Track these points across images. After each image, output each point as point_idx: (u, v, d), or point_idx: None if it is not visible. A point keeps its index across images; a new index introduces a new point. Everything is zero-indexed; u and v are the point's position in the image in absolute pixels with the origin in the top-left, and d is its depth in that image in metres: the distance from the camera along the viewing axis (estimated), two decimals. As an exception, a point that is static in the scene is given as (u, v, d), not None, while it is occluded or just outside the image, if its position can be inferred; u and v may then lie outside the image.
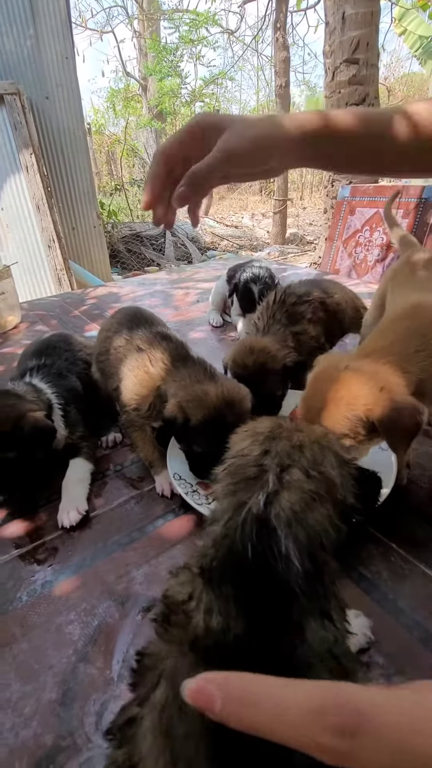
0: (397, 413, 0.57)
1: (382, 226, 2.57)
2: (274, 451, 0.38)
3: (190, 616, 0.33)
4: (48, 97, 4.22)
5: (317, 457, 0.37)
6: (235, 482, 0.38)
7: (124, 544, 0.67)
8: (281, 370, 0.87)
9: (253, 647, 0.31)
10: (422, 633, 0.53)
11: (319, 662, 0.31)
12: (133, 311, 0.94)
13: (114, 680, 0.50)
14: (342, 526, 0.35)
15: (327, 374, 0.64)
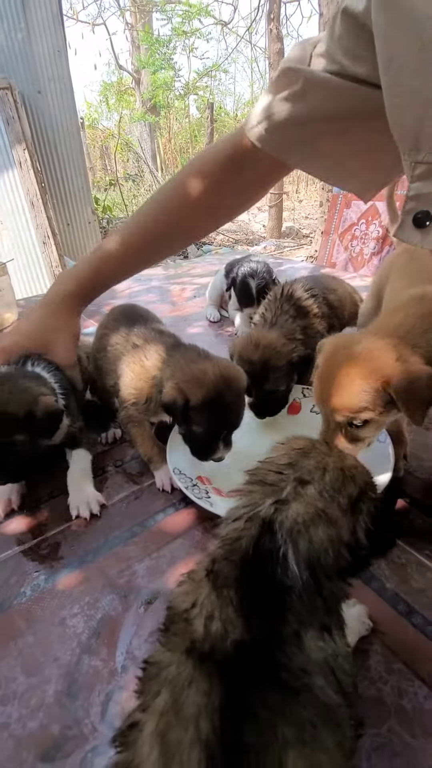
0: (414, 381, 0.58)
1: (377, 218, 2.57)
2: (299, 465, 0.40)
3: (190, 623, 0.34)
4: (40, 91, 4.18)
5: (336, 483, 0.38)
6: (253, 483, 0.40)
7: (125, 538, 0.68)
8: (286, 365, 0.88)
9: (251, 654, 0.32)
10: (420, 620, 0.54)
11: (317, 672, 0.32)
12: (128, 308, 0.94)
13: (118, 671, 0.51)
14: (345, 553, 0.36)
15: (339, 353, 0.64)
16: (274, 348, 0.87)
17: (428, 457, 0.79)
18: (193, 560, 0.63)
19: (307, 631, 0.34)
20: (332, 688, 0.32)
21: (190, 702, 0.29)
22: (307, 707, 0.30)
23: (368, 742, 0.44)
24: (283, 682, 0.30)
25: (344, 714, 0.31)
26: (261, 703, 0.29)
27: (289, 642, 0.33)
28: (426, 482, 0.74)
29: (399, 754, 0.43)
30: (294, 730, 0.28)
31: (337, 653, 0.34)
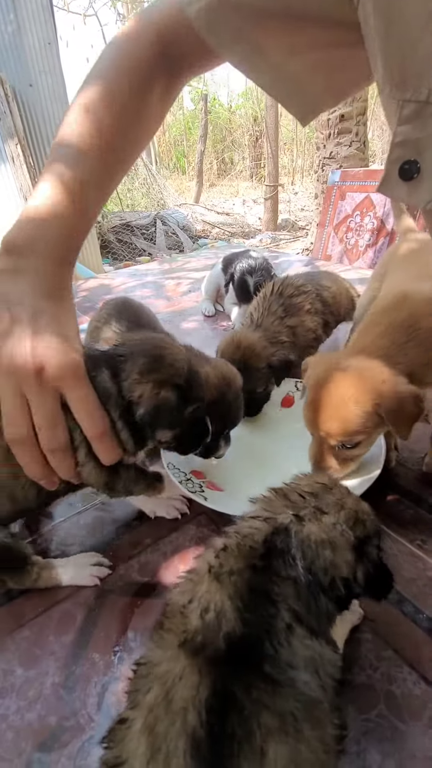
0: (403, 402, 0.61)
1: (372, 210, 2.56)
2: (320, 497, 0.43)
3: (186, 616, 0.35)
4: (32, 84, 4.14)
5: (350, 521, 0.42)
6: (276, 494, 0.44)
7: (120, 532, 0.69)
8: (264, 368, 0.88)
9: (241, 647, 0.33)
10: (411, 609, 0.55)
11: (302, 667, 0.33)
12: (121, 302, 0.94)
13: (114, 663, 0.52)
14: (339, 585, 0.39)
15: (328, 375, 0.65)
16: (254, 350, 0.87)
17: (420, 448, 0.80)
18: (188, 554, 0.64)
19: (299, 626, 0.35)
20: (316, 683, 0.33)
21: (179, 696, 0.30)
22: (290, 700, 0.31)
23: (358, 727, 0.45)
24: (268, 675, 0.32)
25: (326, 710, 0.32)
26: (247, 695, 0.30)
27: (279, 635, 0.34)
28: (417, 473, 0.75)
29: (388, 738, 0.44)
30: (276, 720, 0.29)
31: (323, 656, 0.35)
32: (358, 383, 0.62)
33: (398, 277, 0.85)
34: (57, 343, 0.52)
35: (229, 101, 11.72)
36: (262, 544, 0.39)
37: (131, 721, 0.31)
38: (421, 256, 0.88)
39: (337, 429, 0.63)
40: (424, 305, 0.69)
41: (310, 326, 1.00)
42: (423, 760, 0.42)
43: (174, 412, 0.57)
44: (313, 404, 0.65)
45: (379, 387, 0.61)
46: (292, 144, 10.05)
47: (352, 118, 3.49)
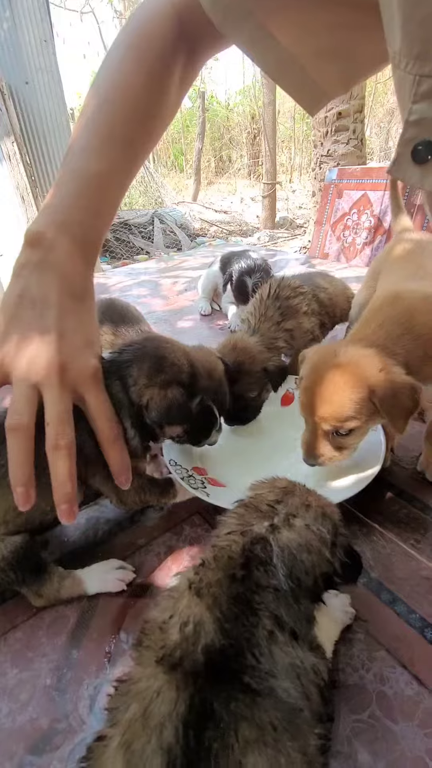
0: (398, 392, 0.60)
1: (369, 208, 2.56)
2: (287, 501, 0.44)
3: (165, 631, 0.35)
4: (28, 82, 4.12)
5: (319, 518, 0.44)
6: (246, 509, 0.44)
7: (114, 533, 0.68)
8: (260, 372, 0.87)
9: (220, 658, 0.33)
10: (403, 608, 0.55)
11: (282, 675, 0.33)
12: (105, 304, 0.94)
13: (106, 665, 0.52)
14: (320, 582, 0.41)
15: (324, 361, 0.66)
16: (250, 353, 0.87)
17: (415, 447, 0.80)
18: (181, 555, 0.64)
19: (280, 633, 0.35)
20: (297, 692, 0.33)
21: (156, 712, 0.30)
22: (270, 710, 0.31)
23: (350, 727, 0.45)
24: (247, 685, 0.31)
25: (308, 720, 0.32)
26: (225, 707, 0.30)
27: (260, 644, 0.34)
28: (412, 473, 0.75)
29: (380, 739, 0.44)
30: (255, 731, 0.29)
31: (305, 662, 0.35)
32: (354, 369, 0.62)
33: (393, 277, 0.85)
34: (81, 346, 0.53)
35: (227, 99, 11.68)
36: (240, 553, 0.39)
37: (109, 739, 0.31)
38: (415, 256, 0.87)
39: (330, 413, 0.62)
40: (418, 302, 0.69)
41: (308, 327, 1.00)
42: (414, 760, 0.42)
43: (183, 408, 0.59)
44: (309, 389, 0.65)
45: (375, 374, 0.61)
46: (289, 142, 10.03)
47: (350, 116, 3.48)
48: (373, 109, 8.80)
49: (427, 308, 0.68)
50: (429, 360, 0.67)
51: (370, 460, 0.70)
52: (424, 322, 0.67)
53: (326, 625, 0.47)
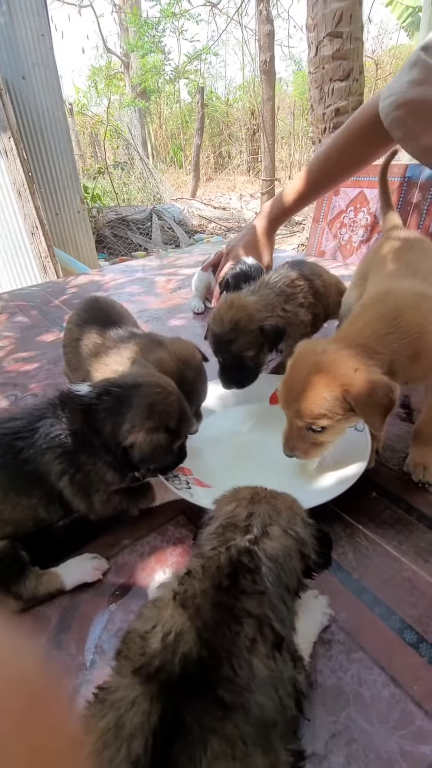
0: (372, 391, 0.60)
1: (366, 206, 2.55)
2: (257, 512, 0.46)
3: (146, 640, 0.35)
4: (24, 77, 4.09)
5: (291, 519, 0.45)
6: (224, 528, 0.45)
7: (99, 533, 0.68)
8: (256, 330, 0.86)
9: (197, 668, 0.33)
10: (383, 609, 0.55)
11: (259, 689, 0.33)
12: (89, 302, 0.94)
13: (86, 666, 0.52)
14: (303, 580, 0.43)
15: (305, 358, 0.67)
16: (247, 310, 0.86)
17: (402, 448, 0.80)
18: (165, 555, 0.64)
19: (262, 642, 0.35)
20: (272, 706, 0.33)
21: (129, 723, 0.30)
22: (241, 724, 0.31)
23: (326, 729, 0.45)
24: (220, 699, 0.31)
25: (281, 734, 0.32)
26: (197, 720, 0.30)
27: (240, 655, 0.34)
28: (397, 473, 0.75)
29: (356, 740, 0.44)
30: (224, 745, 0.29)
31: (283, 674, 0.35)
32: (330, 368, 0.63)
33: (382, 276, 0.85)
34: None
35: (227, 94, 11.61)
36: (228, 563, 0.40)
37: (82, 747, 0.31)
38: (403, 254, 0.87)
39: (303, 409, 0.64)
40: (407, 299, 0.69)
41: (303, 320, 1.00)
42: (388, 761, 0.42)
43: (166, 451, 0.64)
44: (287, 383, 0.67)
45: (350, 374, 0.61)
46: (289, 138, 9.98)
47: (348, 113, 3.45)
48: (373, 105, 8.75)
49: (416, 306, 0.68)
50: (417, 359, 0.67)
51: (355, 461, 0.70)
52: (412, 320, 0.66)
53: (305, 627, 0.48)
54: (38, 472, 0.59)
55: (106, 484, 0.63)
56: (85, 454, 0.61)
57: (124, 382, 0.65)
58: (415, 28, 6.28)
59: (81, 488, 0.62)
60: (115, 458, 0.62)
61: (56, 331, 1.44)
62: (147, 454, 0.61)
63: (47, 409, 0.62)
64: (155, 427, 0.62)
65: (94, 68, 10.07)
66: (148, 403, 0.62)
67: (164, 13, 8.40)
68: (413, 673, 0.49)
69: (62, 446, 0.60)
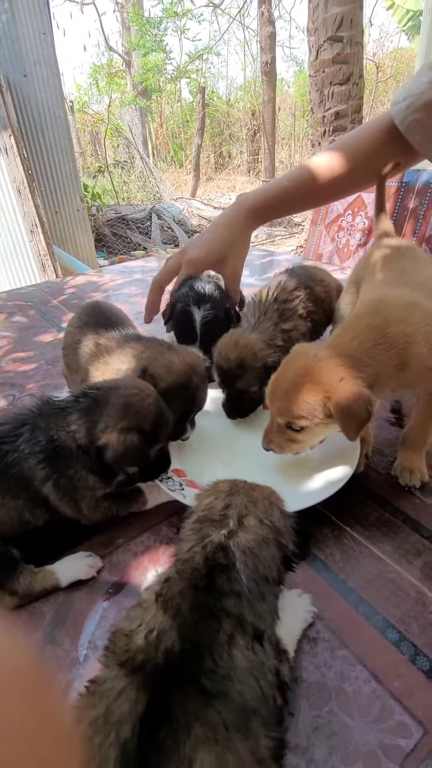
0: (352, 402, 0.63)
1: (364, 210, 2.57)
2: (234, 503, 0.47)
3: (131, 638, 0.37)
4: (26, 74, 4.10)
5: (267, 509, 0.47)
6: (201, 523, 0.46)
7: (93, 532, 0.70)
8: (260, 368, 0.89)
9: (179, 662, 0.35)
10: (367, 609, 0.57)
11: (240, 679, 0.35)
12: (90, 306, 0.96)
13: (80, 661, 0.54)
14: (281, 568, 0.44)
15: (297, 360, 0.70)
16: (252, 349, 0.89)
17: (390, 452, 0.82)
18: (158, 554, 0.66)
19: (241, 636, 0.37)
20: (253, 695, 0.35)
21: (117, 711, 0.32)
22: (223, 711, 0.33)
23: (309, 722, 0.47)
24: (203, 688, 0.33)
25: (263, 722, 0.34)
26: (181, 708, 0.32)
27: (220, 648, 0.36)
28: (385, 477, 0.77)
29: (337, 733, 0.46)
30: (206, 730, 0.31)
31: (264, 664, 0.37)
32: (316, 373, 0.65)
33: (374, 284, 0.87)
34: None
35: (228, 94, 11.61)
36: (203, 563, 0.41)
37: (74, 733, 0.33)
38: (394, 262, 0.89)
39: (284, 408, 0.67)
40: (397, 310, 0.71)
41: (303, 331, 1.01)
42: (367, 753, 0.44)
43: (139, 453, 0.63)
44: (275, 381, 0.70)
45: (335, 382, 0.64)
46: (289, 139, 10.00)
47: (347, 116, 3.47)
48: (374, 108, 8.78)
49: (405, 317, 0.70)
50: (404, 368, 0.69)
51: (344, 465, 0.72)
52: (400, 331, 0.68)
53: (289, 624, 0.50)
54: (23, 477, 0.60)
55: (90, 489, 0.64)
56: (64, 459, 0.62)
57: (104, 384, 0.67)
58: (415, 32, 6.30)
59: (66, 494, 0.62)
60: (91, 461, 0.61)
61: (54, 331, 1.45)
62: (119, 454, 0.60)
63: (29, 415, 0.63)
64: (128, 428, 0.61)
65: (95, 66, 10.05)
66: (122, 402, 0.62)
67: (166, 12, 8.41)
68: (394, 670, 0.51)
69: (44, 451, 0.61)
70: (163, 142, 10.65)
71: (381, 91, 8.77)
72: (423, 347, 0.68)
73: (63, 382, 1.05)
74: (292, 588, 0.57)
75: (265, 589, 0.41)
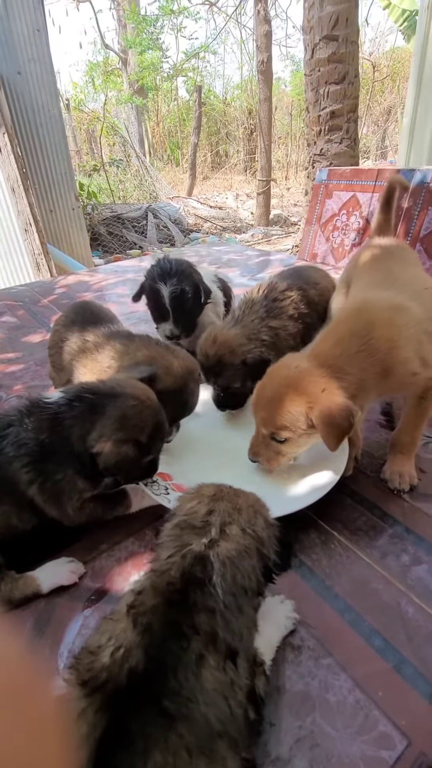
0: (334, 413, 0.62)
1: (358, 209, 2.56)
2: (218, 510, 0.45)
3: (97, 655, 0.36)
4: (20, 72, 4.07)
5: (251, 518, 0.45)
6: (182, 529, 0.45)
7: (77, 537, 0.69)
8: (239, 364, 0.88)
9: (143, 680, 0.33)
10: (352, 616, 0.56)
11: (207, 700, 0.34)
12: (79, 305, 0.95)
13: (59, 669, 0.52)
14: (261, 577, 0.43)
15: (280, 371, 0.69)
16: (229, 346, 0.88)
17: (380, 455, 0.81)
18: (142, 560, 0.65)
19: (212, 655, 0.36)
20: (221, 716, 0.33)
21: (75, 735, 0.31)
22: (185, 735, 0.31)
23: (291, 734, 0.46)
24: (165, 710, 0.32)
25: (231, 744, 0.33)
26: (140, 732, 0.31)
27: (187, 668, 0.34)
28: (374, 480, 0.76)
29: (319, 745, 0.45)
30: (166, 756, 0.30)
31: (235, 683, 0.36)
32: (299, 384, 0.65)
33: (362, 285, 0.86)
34: None
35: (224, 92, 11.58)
36: (179, 578, 0.40)
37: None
38: (383, 262, 0.88)
39: (267, 418, 0.66)
40: (380, 314, 0.70)
41: (292, 332, 0.99)
42: (350, 766, 0.43)
43: (133, 464, 0.63)
44: (259, 391, 0.70)
45: (317, 393, 0.63)
46: (286, 138, 9.99)
47: (343, 115, 3.47)
48: (370, 107, 8.79)
49: (389, 322, 0.69)
50: (388, 375, 0.68)
51: (331, 468, 0.71)
52: (382, 335, 0.67)
53: (268, 632, 0.49)
54: (7, 480, 0.59)
55: (78, 492, 0.63)
56: (53, 462, 0.60)
57: (100, 389, 0.64)
58: (412, 32, 6.30)
59: (51, 496, 0.61)
60: (82, 466, 0.61)
61: (44, 331, 1.43)
62: (111, 465, 0.60)
63: (15, 417, 0.62)
64: (124, 440, 0.61)
65: (91, 63, 10.00)
66: (120, 414, 0.61)
67: (163, 10, 8.38)
68: (379, 678, 0.50)
69: (30, 455, 0.59)
70: (160, 140, 10.61)
71: (377, 91, 8.76)
72: (407, 351, 0.67)
73: (51, 383, 1.04)
74: (276, 594, 0.56)
75: (243, 601, 0.39)
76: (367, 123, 9.24)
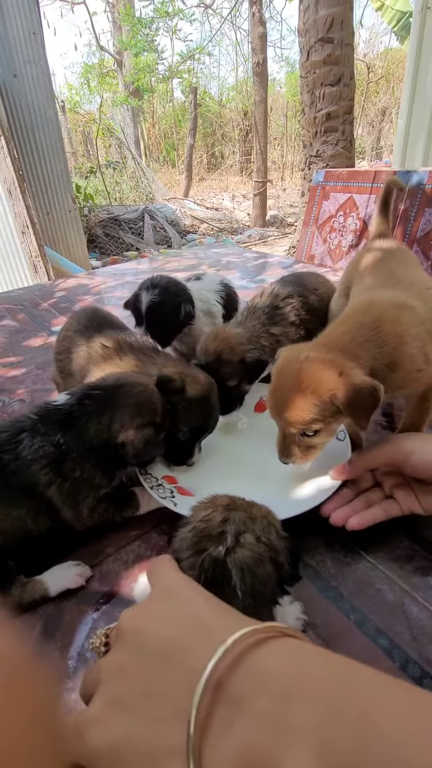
0: (359, 393, 0.62)
1: (355, 211, 2.58)
2: (233, 519, 0.46)
3: None
4: (16, 74, 4.07)
5: (265, 528, 0.46)
6: (199, 537, 0.45)
7: (83, 541, 0.69)
8: (237, 363, 0.89)
9: None
10: (358, 616, 0.57)
11: None
12: (91, 311, 0.95)
13: (69, 674, 0.53)
14: (276, 588, 0.44)
15: (289, 366, 0.68)
16: (230, 343, 0.89)
17: (382, 456, 0.81)
18: (149, 563, 0.65)
19: None
20: None
21: None
22: None
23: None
24: None
25: None
26: None
27: None
28: (377, 482, 0.77)
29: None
30: None
31: None
32: (315, 374, 0.64)
33: (364, 286, 0.87)
34: None
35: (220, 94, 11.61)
36: (197, 577, 0.41)
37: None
38: (384, 264, 0.89)
39: (294, 417, 0.65)
40: (388, 311, 0.71)
41: (294, 338, 1.00)
42: None
43: (156, 443, 0.69)
44: (275, 393, 0.68)
45: (335, 379, 0.63)
46: (282, 139, 10.02)
47: (339, 117, 3.49)
48: (365, 108, 8.83)
49: (396, 318, 0.70)
50: (395, 369, 0.69)
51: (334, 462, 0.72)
52: (391, 330, 0.68)
53: None
54: (25, 484, 0.60)
55: (95, 489, 0.65)
56: (70, 461, 0.63)
57: (105, 384, 0.68)
58: (406, 33, 6.34)
59: (70, 496, 0.63)
60: (102, 459, 0.64)
61: (44, 335, 1.44)
62: (140, 449, 0.65)
63: (27, 422, 0.63)
64: (144, 424, 0.65)
65: (86, 65, 10.01)
66: (134, 402, 0.66)
67: (158, 12, 8.39)
68: (385, 678, 0.50)
69: (47, 457, 0.61)
70: (156, 142, 10.63)
71: (372, 92, 8.81)
72: (413, 348, 0.68)
73: (53, 387, 1.04)
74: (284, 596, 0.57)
75: (261, 606, 0.40)
76: (362, 124, 9.28)
